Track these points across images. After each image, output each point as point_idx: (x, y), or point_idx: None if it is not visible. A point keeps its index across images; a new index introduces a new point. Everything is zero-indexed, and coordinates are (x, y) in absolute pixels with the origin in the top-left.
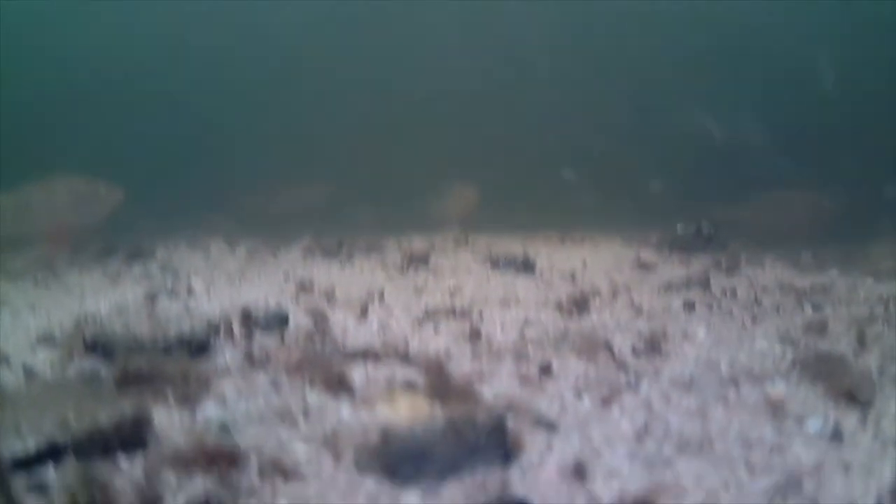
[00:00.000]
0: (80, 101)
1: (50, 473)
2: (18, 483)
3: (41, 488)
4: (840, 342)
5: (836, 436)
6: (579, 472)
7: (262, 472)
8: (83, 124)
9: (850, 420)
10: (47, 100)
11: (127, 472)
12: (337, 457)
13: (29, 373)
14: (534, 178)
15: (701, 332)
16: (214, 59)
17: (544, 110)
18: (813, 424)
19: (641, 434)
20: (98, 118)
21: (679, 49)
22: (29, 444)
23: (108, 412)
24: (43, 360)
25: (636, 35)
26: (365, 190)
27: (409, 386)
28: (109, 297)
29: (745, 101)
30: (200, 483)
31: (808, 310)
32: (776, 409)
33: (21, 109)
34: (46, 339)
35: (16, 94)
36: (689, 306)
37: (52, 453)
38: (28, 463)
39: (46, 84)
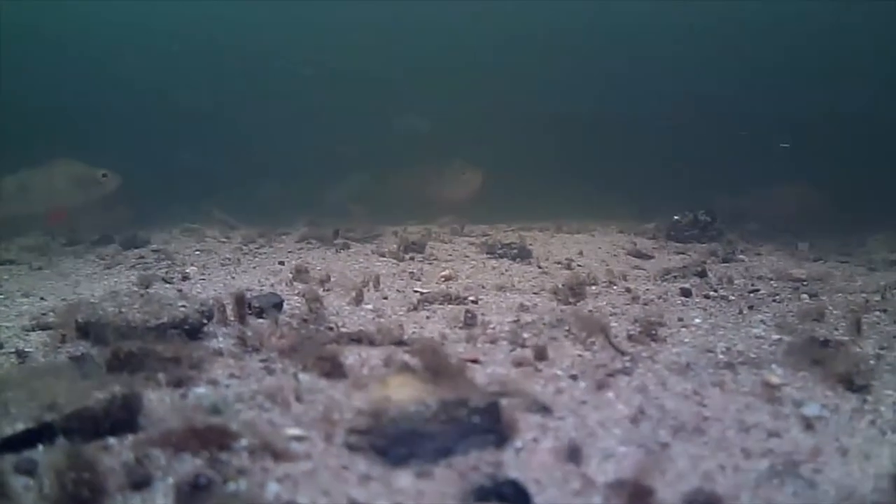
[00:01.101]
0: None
1: (38, 454)
2: (6, 464)
3: (29, 469)
4: (837, 329)
5: (834, 420)
6: (574, 454)
7: (252, 453)
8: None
9: (847, 405)
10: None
11: (116, 452)
12: (328, 438)
13: (21, 356)
14: (530, 170)
15: (697, 319)
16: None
17: (542, 102)
18: (810, 409)
19: (637, 417)
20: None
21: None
22: (17, 425)
23: (97, 393)
24: (35, 345)
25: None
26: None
27: (404, 368)
28: (103, 283)
29: None
30: (191, 463)
31: (805, 298)
32: (773, 394)
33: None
34: (39, 324)
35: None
36: (686, 293)
37: (41, 434)
38: (16, 444)
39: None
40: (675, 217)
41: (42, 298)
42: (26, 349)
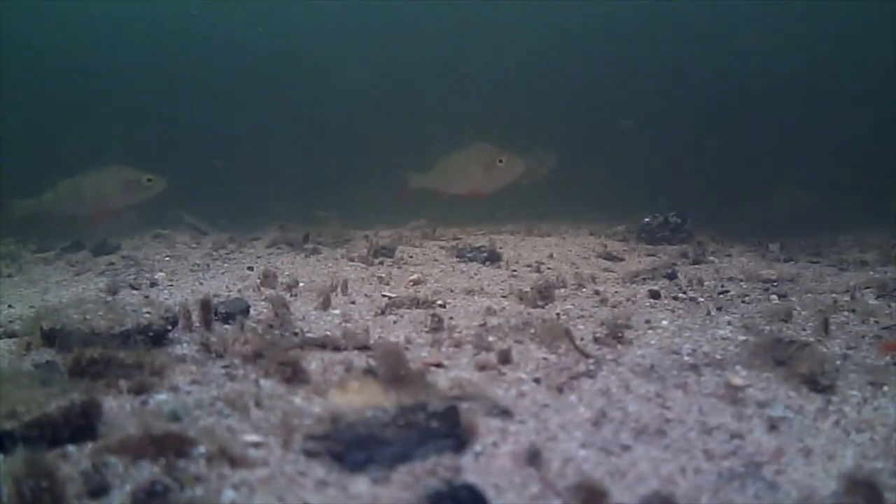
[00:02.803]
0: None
1: None
2: None
3: None
4: (805, 330)
5: (798, 421)
6: (534, 458)
7: (210, 459)
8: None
9: (811, 406)
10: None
11: (75, 459)
12: (286, 444)
13: None
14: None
15: (664, 321)
16: None
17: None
18: (774, 410)
19: (599, 420)
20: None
21: None
22: None
23: (57, 401)
24: (0, 353)
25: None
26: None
27: (364, 373)
28: (72, 290)
29: None
30: (148, 470)
31: (774, 298)
32: (737, 396)
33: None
34: (6, 332)
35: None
36: (655, 296)
37: (1, 443)
38: None
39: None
40: (646, 219)
41: (10, 306)
42: None
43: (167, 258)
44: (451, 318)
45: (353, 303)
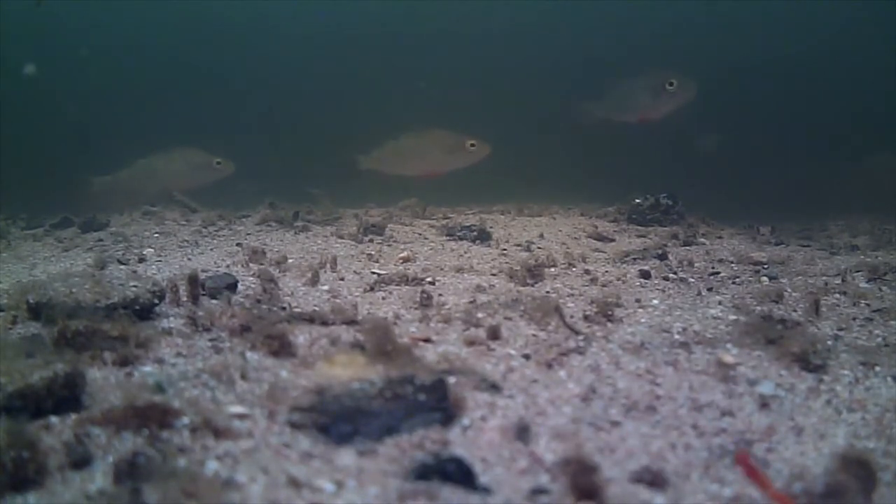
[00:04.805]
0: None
1: None
2: None
3: None
4: (795, 311)
5: (789, 400)
6: (522, 432)
7: (193, 431)
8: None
9: (803, 385)
10: None
11: (58, 431)
12: (272, 415)
13: None
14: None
15: (655, 300)
16: None
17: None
18: (765, 388)
19: (588, 396)
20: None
21: None
22: None
23: (40, 372)
24: None
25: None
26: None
27: (352, 347)
28: (60, 266)
29: None
30: (131, 441)
31: (765, 280)
32: (727, 373)
33: None
34: None
35: None
36: (645, 276)
37: None
38: None
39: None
40: (637, 200)
41: None
42: None
43: (156, 234)
44: (441, 294)
45: (341, 279)
